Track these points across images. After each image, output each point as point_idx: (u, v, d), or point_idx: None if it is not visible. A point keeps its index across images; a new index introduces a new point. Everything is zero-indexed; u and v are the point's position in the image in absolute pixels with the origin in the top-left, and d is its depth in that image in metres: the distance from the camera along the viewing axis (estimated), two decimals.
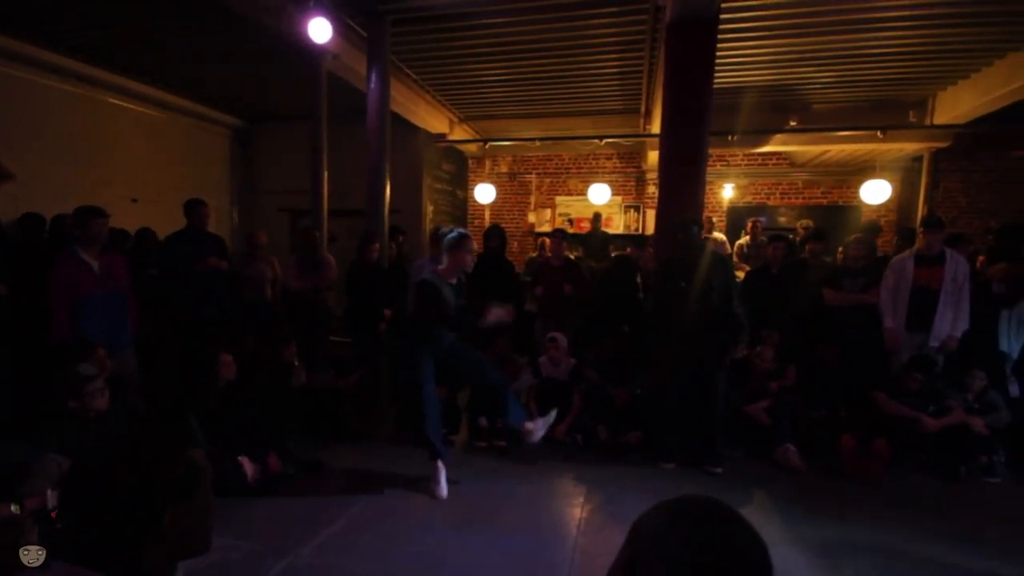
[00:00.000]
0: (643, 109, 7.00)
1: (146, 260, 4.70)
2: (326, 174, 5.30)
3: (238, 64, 5.78)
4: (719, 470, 3.46)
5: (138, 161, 6.39)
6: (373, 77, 4.71)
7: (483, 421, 3.94)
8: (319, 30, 4.25)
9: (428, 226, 7.72)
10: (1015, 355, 4.00)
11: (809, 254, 4.73)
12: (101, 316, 3.35)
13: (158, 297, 4.23)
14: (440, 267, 3.15)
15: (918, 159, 7.26)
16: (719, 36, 3.88)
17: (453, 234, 3.15)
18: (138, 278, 3.91)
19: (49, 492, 2.07)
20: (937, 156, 7.11)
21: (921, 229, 4.06)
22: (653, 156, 7.12)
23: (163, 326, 4.20)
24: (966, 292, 3.83)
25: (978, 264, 4.35)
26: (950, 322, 3.83)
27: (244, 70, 5.97)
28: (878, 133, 6.22)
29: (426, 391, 3.11)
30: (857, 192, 6.86)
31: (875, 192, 6.42)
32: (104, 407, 2.76)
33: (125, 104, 6.21)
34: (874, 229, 6.79)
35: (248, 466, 3.04)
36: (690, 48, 3.80)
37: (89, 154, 5.81)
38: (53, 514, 1.83)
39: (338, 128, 5.57)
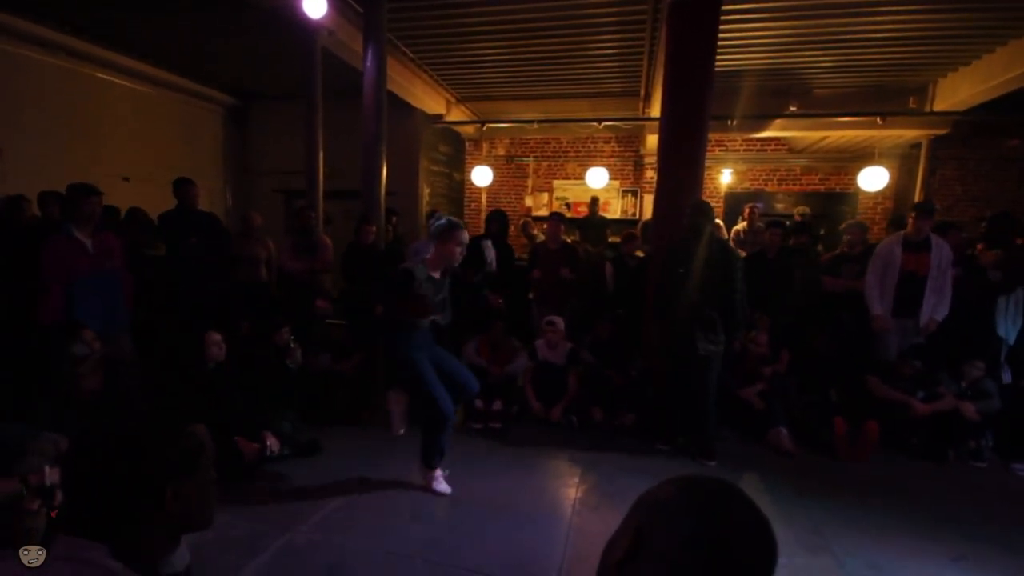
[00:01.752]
0: (642, 92, 6.93)
1: (139, 240, 4.64)
2: (321, 154, 5.23)
3: (231, 39, 5.65)
4: (712, 463, 3.46)
5: (129, 138, 6.28)
6: (369, 55, 4.62)
7: (479, 403, 3.96)
8: (314, 5, 4.16)
9: (424, 208, 7.66)
10: (1011, 341, 4.05)
11: (794, 245, 4.74)
12: (96, 296, 3.32)
13: (154, 277, 4.19)
14: (427, 256, 2.89)
15: (916, 146, 7.24)
16: (721, 17, 3.83)
17: (441, 222, 2.85)
18: (132, 258, 3.87)
19: (47, 469, 2.08)
20: (935, 143, 7.09)
21: (913, 214, 4.06)
22: (652, 140, 7.07)
23: (157, 306, 4.17)
24: (948, 278, 3.88)
25: (978, 251, 4.38)
26: (933, 306, 3.89)
27: (237, 46, 5.85)
28: (878, 119, 6.19)
29: (437, 392, 2.81)
30: (855, 179, 6.85)
31: (873, 179, 6.42)
32: (97, 387, 2.75)
33: (115, 80, 6.07)
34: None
35: (244, 446, 3.05)
36: (692, 29, 3.75)
37: (79, 131, 5.70)
38: (57, 494, 1.84)
39: (334, 107, 5.48)
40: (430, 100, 7.30)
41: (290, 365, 3.76)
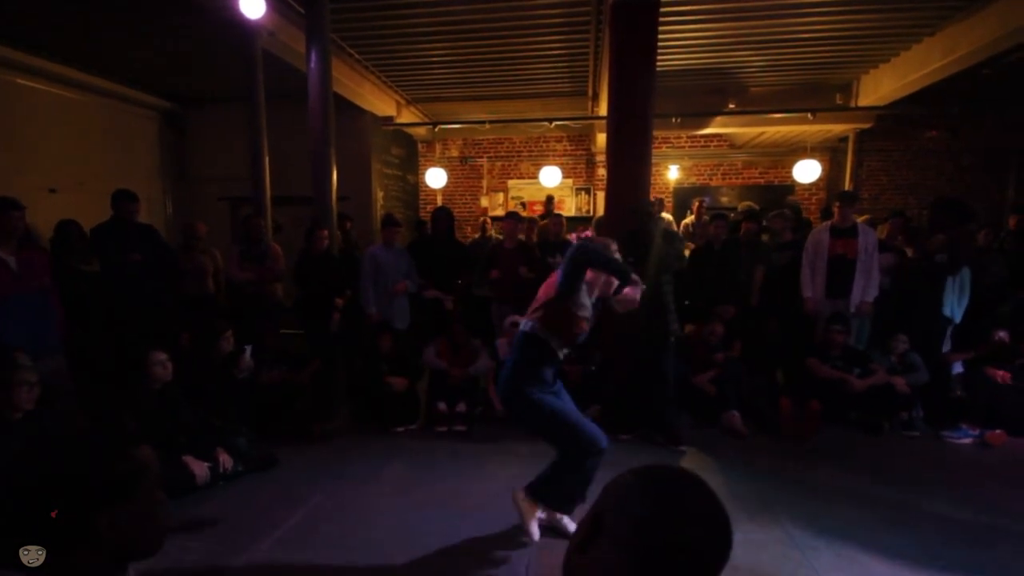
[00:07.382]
0: (590, 92, 7.06)
1: (70, 255, 4.35)
2: (267, 159, 5.07)
3: (164, 41, 5.37)
4: (683, 448, 3.57)
5: (55, 148, 5.87)
6: (313, 56, 4.50)
7: (442, 406, 3.95)
8: (252, 5, 4.01)
9: (379, 212, 7.54)
10: (957, 319, 4.31)
11: (743, 234, 4.95)
12: (22, 318, 3.11)
13: (87, 295, 3.94)
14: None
15: (844, 140, 7.74)
16: (660, 19, 3.96)
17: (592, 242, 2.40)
18: (63, 275, 3.62)
19: None
20: (861, 137, 7.61)
21: (837, 203, 4.35)
22: (602, 139, 7.20)
23: (93, 325, 3.92)
24: (875, 261, 4.17)
25: (898, 244, 4.72)
26: (863, 289, 4.16)
27: (171, 49, 5.57)
28: (808, 115, 6.56)
29: (580, 419, 2.37)
30: (791, 172, 7.24)
31: (806, 171, 6.81)
32: (30, 407, 2.60)
33: (38, 86, 5.66)
34: (794, 207, 7.22)
35: (195, 465, 2.93)
36: (633, 30, 3.86)
37: None
38: None
39: (278, 110, 5.32)
40: (380, 102, 7.19)
41: (239, 376, 3.63)
